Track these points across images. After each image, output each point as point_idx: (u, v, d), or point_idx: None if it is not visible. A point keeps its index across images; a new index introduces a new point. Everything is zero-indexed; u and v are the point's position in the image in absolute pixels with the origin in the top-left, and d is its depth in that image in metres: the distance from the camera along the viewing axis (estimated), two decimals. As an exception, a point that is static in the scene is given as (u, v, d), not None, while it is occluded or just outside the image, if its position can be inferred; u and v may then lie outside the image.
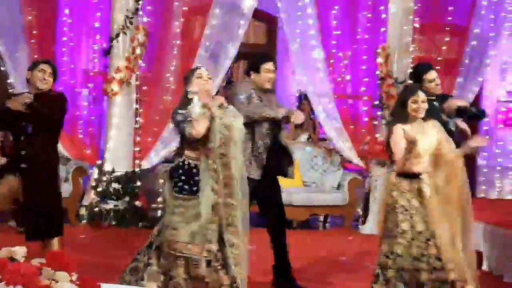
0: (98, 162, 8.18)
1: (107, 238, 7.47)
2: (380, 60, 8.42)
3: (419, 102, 4.73)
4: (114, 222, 7.92)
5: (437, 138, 4.77)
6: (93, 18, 8.30)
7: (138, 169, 8.18)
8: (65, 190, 6.84)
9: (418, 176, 4.76)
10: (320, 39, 8.53)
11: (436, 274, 4.64)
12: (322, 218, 9.09)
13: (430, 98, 5.22)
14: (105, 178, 8.03)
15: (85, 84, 8.41)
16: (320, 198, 8.44)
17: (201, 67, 4.70)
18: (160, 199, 7.87)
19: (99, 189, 8.04)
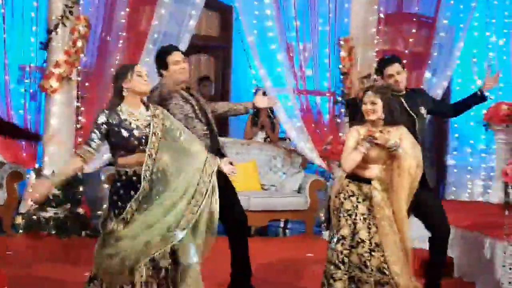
0: (36, 165, 8.02)
1: (46, 249, 7.31)
2: (343, 53, 8.41)
3: (368, 104, 4.77)
4: (54, 232, 7.77)
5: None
6: (29, 8, 8.09)
7: (80, 173, 7.97)
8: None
9: (369, 181, 4.79)
10: (278, 31, 8.47)
11: None
12: (282, 224, 9.07)
13: (397, 94, 5.18)
14: (43, 184, 7.85)
15: (20, 80, 8.20)
16: (279, 202, 8.38)
17: (138, 64, 4.61)
18: (105, 206, 7.73)
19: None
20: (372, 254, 4.68)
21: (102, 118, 4.33)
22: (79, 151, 4.36)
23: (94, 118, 4.38)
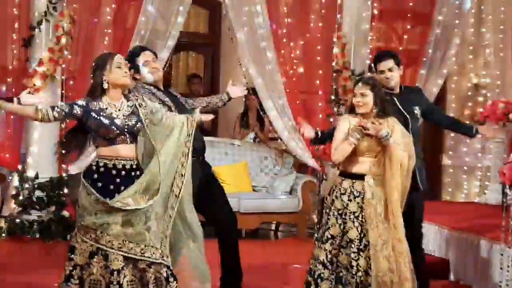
0: (19, 167, 8.03)
1: (30, 253, 7.31)
2: (335, 50, 8.43)
3: (358, 96, 4.80)
4: (38, 235, 7.79)
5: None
6: (11, 4, 8.08)
7: (65, 174, 8.04)
8: (-21, 200, 6.68)
9: (362, 177, 4.79)
10: (269, 28, 8.48)
11: None
12: (273, 226, 9.07)
13: (389, 91, 5.21)
14: (27, 186, 7.91)
15: (3, 78, 8.17)
16: (271, 204, 8.40)
17: (118, 54, 4.54)
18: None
19: (21, 198, 7.90)
20: (360, 254, 4.69)
21: (82, 101, 4.31)
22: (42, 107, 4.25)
23: None
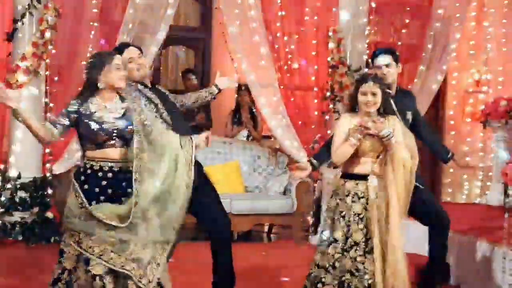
0: (1, 166, 8.00)
1: (12, 256, 7.28)
2: (331, 45, 8.42)
3: (368, 94, 4.73)
4: (21, 238, 7.76)
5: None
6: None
7: (49, 174, 8.01)
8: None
9: (365, 177, 4.78)
10: (262, 21, 8.46)
11: None
12: (266, 229, 9.06)
13: (386, 90, 5.20)
14: (9, 186, 7.88)
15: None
16: (264, 206, 8.40)
17: (117, 55, 4.55)
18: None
19: (2, 198, 7.87)
20: (366, 257, 4.69)
21: (74, 106, 4.34)
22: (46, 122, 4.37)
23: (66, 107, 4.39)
